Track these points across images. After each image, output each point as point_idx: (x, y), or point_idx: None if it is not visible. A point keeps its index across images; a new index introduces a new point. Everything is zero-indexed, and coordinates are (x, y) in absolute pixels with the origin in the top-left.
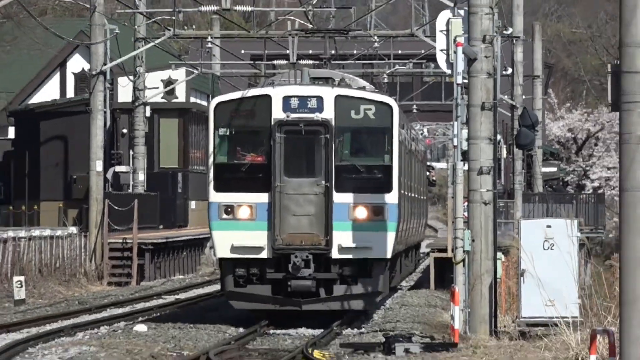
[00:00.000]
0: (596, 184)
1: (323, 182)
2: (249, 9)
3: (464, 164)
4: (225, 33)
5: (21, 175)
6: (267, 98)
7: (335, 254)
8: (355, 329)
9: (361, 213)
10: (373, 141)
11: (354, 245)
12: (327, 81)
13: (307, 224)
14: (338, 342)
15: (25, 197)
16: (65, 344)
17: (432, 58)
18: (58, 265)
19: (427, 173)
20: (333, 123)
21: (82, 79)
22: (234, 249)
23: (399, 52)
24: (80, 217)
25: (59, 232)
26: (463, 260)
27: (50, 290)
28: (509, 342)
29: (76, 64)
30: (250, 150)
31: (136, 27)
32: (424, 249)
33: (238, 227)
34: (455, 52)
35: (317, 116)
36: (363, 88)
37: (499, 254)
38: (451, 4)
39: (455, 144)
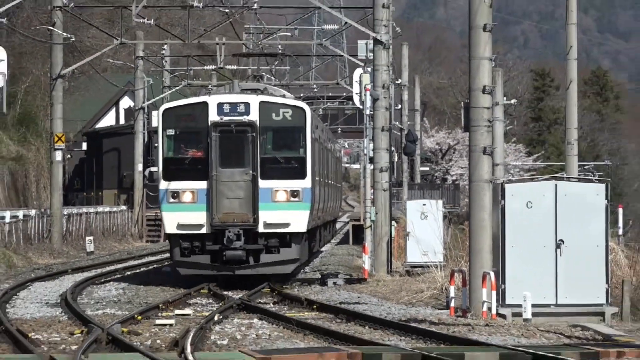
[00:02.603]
0: (454, 177)
1: (251, 171)
2: (235, 67)
3: (371, 165)
4: (219, 83)
5: (90, 173)
6: (204, 104)
7: (261, 229)
8: (302, 270)
9: (281, 196)
10: (290, 138)
11: (276, 221)
12: (254, 91)
13: (238, 205)
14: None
15: (93, 186)
16: (119, 280)
17: (350, 98)
18: (114, 229)
19: None
20: (258, 124)
21: (129, 112)
22: (179, 226)
23: (330, 94)
24: (128, 200)
25: (114, 209)
26: (370, 226)
27: (109, 245)
28: (399, 278)
29: (125, 102)
30: (192, 146)
31: (163, 79)
32: (344, 219)
33: (183, 209)
34: (365, 95)
35: (245, 118)
36: (283, 96)
37: (393, 222)
38: (362, 64)
39: (365, 152)
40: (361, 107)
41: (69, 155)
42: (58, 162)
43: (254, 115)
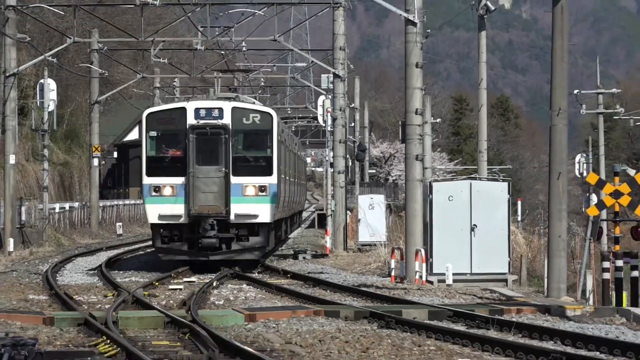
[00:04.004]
0: (394, 178)
1: (223, 168)
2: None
3: (331, 169)
4: None
5: (119, 175)
6: (183, 109)
7: (232, 220)
8: (279, 249)
9: (250, 191)
10: (259, 139)
11: (245, 213)
12: (227, 98)
13: (212, 199)
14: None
15: (122, 185)
16: (142, 255)
17: (316, 118)
18: (138, 217)
19: None
20: (230, 127)
21: None
22: (160, 216)
23: (300, 115)
24: None
25: (139, 202)
26: (331, 214)
27: (134, 229)
28: (353, 253)
29: None
30: (172, 146)
31: None
32: (311, 209)
33: (163, 201)
34: (327, 115)
35: (219, 122)
36: (253, 103)
37: (348, 212)
38: (324, 92)
39: (327, 159)
40: (324, 124)
41: (104, 162)
42: (95, 167)
43: (227, 119)
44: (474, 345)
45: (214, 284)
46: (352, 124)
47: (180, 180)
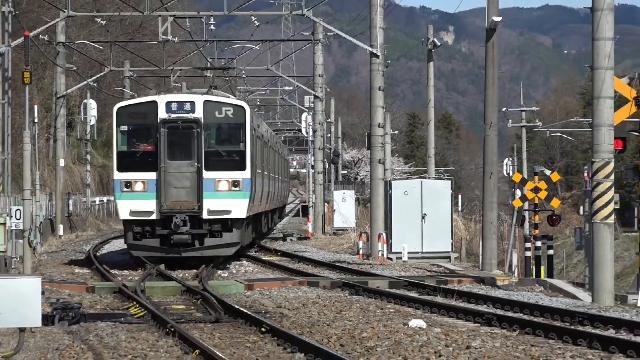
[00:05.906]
0: (362, 177)
1: (196, 163)
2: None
3: (312, 170)
4: None
5: None
6: (154, 103)
7: (205, 215)
8: (271, 232)
9: (223, 185)
10: (232, 133)
11: (218, 209)
12: (200, 92)
13: (184, 194)
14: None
15: None
16: None
17: (300, 130)
18: None
19: None
20: (202, 120)
21: None
22: (132, 212)
23: (288, 128)
24: None
25: None
26: (312, 205)
27: None
28: (330, 236)
29: None
30: (143, 141)
31: None
32: (297, 201)
33: (135, 197)
34: (309, 128)
35: (191, 116)
36: (227, 97)
37: (325, 204)
38: (307, 110)
39: (309, 162)
40: (306, 135)
41: None
42: None
43: (198, 113)
44: (425, 308)
45: (221, 260)
46: (329, 135)
47: (151, 175)
